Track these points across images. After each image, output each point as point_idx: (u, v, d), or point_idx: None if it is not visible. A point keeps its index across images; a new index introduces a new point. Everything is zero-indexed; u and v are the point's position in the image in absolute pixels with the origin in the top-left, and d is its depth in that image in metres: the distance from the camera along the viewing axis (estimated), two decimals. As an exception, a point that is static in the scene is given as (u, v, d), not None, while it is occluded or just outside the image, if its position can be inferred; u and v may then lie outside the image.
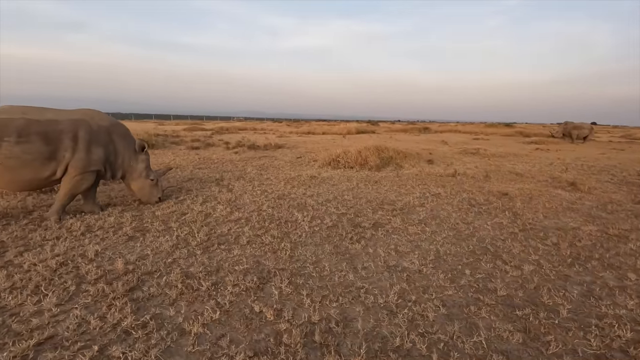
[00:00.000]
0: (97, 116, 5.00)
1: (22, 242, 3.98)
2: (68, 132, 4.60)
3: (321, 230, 4.61)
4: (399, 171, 9.75)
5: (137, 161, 5.34)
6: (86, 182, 4.85)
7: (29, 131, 4.37)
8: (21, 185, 4.50)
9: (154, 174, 5.54)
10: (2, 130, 4.25)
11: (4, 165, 4.26)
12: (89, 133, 4.76)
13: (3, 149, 4.22)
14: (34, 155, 4.38)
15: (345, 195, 6.61)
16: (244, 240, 4.19)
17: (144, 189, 5.47)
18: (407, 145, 18.32)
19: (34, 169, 4.42)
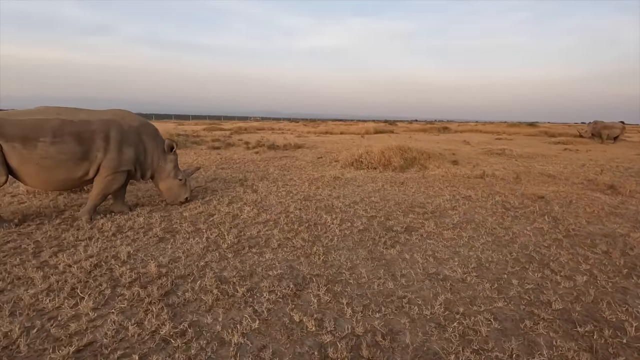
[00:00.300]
0: (127, 116, 5.00)
1: (56, 242, 4.00)
2: (100, 132, 4.62)
3: (352, 233, 4.46)
4: (424, 172, 9.48)
5: (165, 161, 5.32)
6: (118, 181, 4.86)
7: (63, 131, 4.39)
8: (55, 185, 4.54)
9: (182, 174, 5.51)
10: (38, 131, 4.29)
11: (40, 165, 4.30)
12: (120, 133, 4.76)
13: (39, 149, 4.26)
14: (68, 155, 4.40)
15: (372, 197, 6.43)
16: (274, 243, 4.09)
17: (172, 189, 5.45)
18: (428, 145, 17.92)
19: (68, 169, 4.45)
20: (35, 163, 4.28)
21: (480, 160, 12.34)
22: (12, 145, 4.20)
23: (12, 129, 4.24)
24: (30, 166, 4.29)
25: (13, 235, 4.20)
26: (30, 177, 4.36)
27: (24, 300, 2.75)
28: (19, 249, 3.79)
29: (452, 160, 11.67)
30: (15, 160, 4.25)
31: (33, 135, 4.26)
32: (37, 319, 2.55)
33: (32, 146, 4.25)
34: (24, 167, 4.28)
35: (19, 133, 4.23)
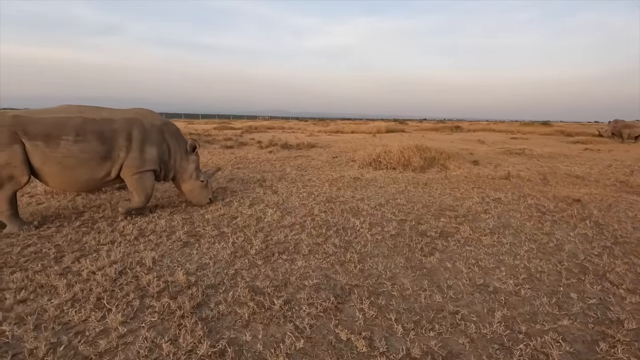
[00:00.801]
0: (150, 115, 4.82)
1: (77, 247, 3.83)
2: (122, 131, 4.45)
3: (385, 239, 4.21)
4: (446, 173, 9.17)
5: (187, 162, 5.14)
6: (148, 180, 4.73)
7: (86, 130, 4.23)
8: (77, 185, 4.38)
9: (204, 175, 5.31)
10: (60, 129, 4.13)
11: (62, 164, 4.14)
12: (142, 132, 4.59)
13: (61, 147, 4.10)
14: (91, 154, 4.24)
15: (398, 199, 6.16)
16: (304, 249, 3.86)
17: (194, 191, 5.26)
18: (443, 144, 17.53)
19: (90, 168, 4.29)
20: (58, 162, 4.12)
21: (501, 160, 11.96)
22: (35, 144, 4.05)
23: (35, 127, 4.09)
24: (52, 165, 4.13)
25: (33, 238, 4.05)
26: (52, 176, 4.21)
27: (48, 311, 2.57)
28: (40, 254, 3.63)
29: (473, 161, 11.32)
30: (37, 159, 4.10)
31: (56, 133, 4.11)
32: (63, 333, 2.36)
33: (54, 145, 4.09)
34: (46, 166, 4.13)
35: (42, 131, 4.08)
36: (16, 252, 3.63)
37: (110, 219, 4.82)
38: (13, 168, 4.02)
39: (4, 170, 4.00)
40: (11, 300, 2.71)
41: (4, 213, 4.13)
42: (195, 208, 5.41)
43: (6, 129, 4.00)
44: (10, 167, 4.01)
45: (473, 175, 8.80)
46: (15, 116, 4.09)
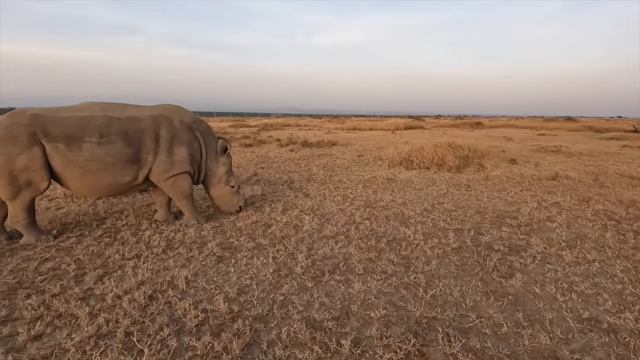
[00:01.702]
0: (178, 112, 4.33)
1: (99, 262, 3.38)
2: (149, 130, 3.98)
3: (447, 254, 3.63)
4: (485, 173, 8.47)
5: (217, 164, 4.62)
6: (183, 182, 4.29)
7: (110, 130, 3.79)
8: (101, 191, 3.95)
9: (235, 180, 4.79)
10: (84, 130, 3.70)
11: (85, 169, 3.71)
12: (170, 132, 4.11)
13: (84, 150, 3.67)
14: (116, 157, 3.80)
15: (444, 204, 5.55)
16: (357, 266, 3.31)
17: (223, 196, 4.74)
18: (469, 141, 16.67)
19: (115, 172, 3.85)
20: (80, 166, 3.69)
21: (538, 159, 11.14)
22: (56, 146, 3.63)
23: (56, 127, 3.66)
24: (74, 170, 3.70)
25: (52, 250, 3.63)
26: (74, 181, 3.78)
27: (67, 353, 2.10)
28: (59, 270, 3.19)
29: (510, 159, 10.55)
30: (58, 163, 3.67)
31: (78, 134, 3.68)
32: (86, 386, 1.88)
33: (77, 147, 3.66)
34: (68, 170, 3.70)
35: (63, 132, 3.65)
36: (32, 269, 3.20)
37: (134, 227, 4.37)
38: (32, 173, 3.60)
39: (22, 175, 3.58)
40: (24, 335, 2.25)
41: (21, 222, 3.72)
42: (226, 215, 4.93)
43: (25, 129, 3.58)
44: (29, 171, 3.59)
45: (515, 175, 8.09)
46: (34, 115, 3.67)
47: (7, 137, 3.52)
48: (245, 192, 4.78)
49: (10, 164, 3.52)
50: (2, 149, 3.50)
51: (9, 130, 3.54)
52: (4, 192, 3.57)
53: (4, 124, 3.57)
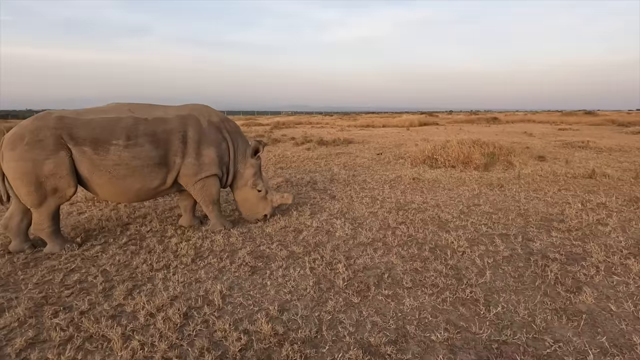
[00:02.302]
0: (206, 111, 4.10)
1: (127, 273, 3.18)
2: (177, 132, 3.77)
3: (499, 264, 3.32)
4: (514, 171, 8.06)
5: (245, 166, 4.33)
6: (212, 186, 4.08)
7: (137, 132, 3.58)
8: (129, 196, 3.76)
9: (263, 184, 4.46)
10: (110, 132, 3.51)
11: (112, 174, 3.51)
12: (198, 132, 3.89)
13: (111, 154, 3.47)
14: (143, 161, 3.59)
15: (481, 206, 5.22)
16: (404, 278, 3.04)
17: (248, 201, 4.41)
18: (489, 137, 16.16)
19: (143, 177, 3.64)
20: (108, 171, 3.50)
21: (567, 155, 10.63)
22: (82, 150, 3.44)
23: (82, 130, 3.47)
24: (102, 175, 3.51)
25: (77, 260, 3.45)
26: (101, 187, 3.60)
27: (103, 385, 1.89)
28: (86, 283, 3.00)
29: (538, 156, 10.08)
30: (85, 168, 3.49)
31: (105, 137, 3.49)
32: None
33: (104, 151, 3.47)
34: (95, 175, 3.51)
35: (90, 135, 3.47)
36: (58, 281, 3.02)
37: (159, 234, 4.18)
38: (59, 179, 3.42)
39: (48, 182, 3.40)
40: (55, 362, 2.05)
41: (45, 230, 3.56)
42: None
43: (51, 133, 3.39)
44: (56, 178, 3.41)
45: (548, 173, 7.67)
46: (60, 117, 3.48)
47: (33, 141, 3.34)
48: (274, 199, 4.44)
49: (36, 170, 3.35)
50: (28, 154, 3.32)
51: (35, 134, 3.36)
52: (30, 199, 3.40)
53: (30, 127, 3.40)
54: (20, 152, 3.33)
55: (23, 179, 3.34)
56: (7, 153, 3.37)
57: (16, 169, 3.33)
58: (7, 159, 3.37)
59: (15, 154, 3.33)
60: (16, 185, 3.38)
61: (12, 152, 3.35)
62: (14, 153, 3.34)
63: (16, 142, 3.36)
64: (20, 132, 3.40)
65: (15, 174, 3.34)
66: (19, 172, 3.33)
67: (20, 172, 3.32)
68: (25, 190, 3.37)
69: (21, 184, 3.36)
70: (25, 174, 3.33)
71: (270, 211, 4.50)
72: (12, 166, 3.34)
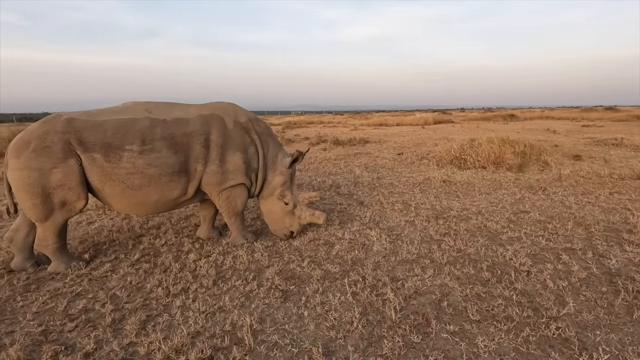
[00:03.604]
0: (232, 110, 3.62)
1: (140, 299, 2.74)
2: (198, 134, 3.30)
3: (576, 288, 2.78)
4: (552, 171, 7.44)
5: (273, 173, 3.80)
6: (238, 197, 3.61)
7: (154, 135, 3.14)
8: (147, 209, 3.33)
9: (294, 197, 3.85)
10: (123, 136, 3.07)
11: (126, 184, 3.08)
12: (222, 135, 3.41)
13: (124, 161, 3.04)
14: (160, 168, 3.14)
15: (530, 213, 4.65)
16: (467, 308, 2.52)
17: (272, 213, 3.85)
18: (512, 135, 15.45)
19: (161, 187, 3.20)
20: (121, 180, 3.07)
21: (602, 154, 9.90)
22: (92, 157, 3.02)
23: (92, 133, 3.05)
24: (114, 185, 3.08)
25: (84, 281, 3.03)
26: (114, 199, 3.17)
27: None
28: (92, 313, 2.57)
29: (573, 155, 9.40)
30: (96, 178, 3.06)
31: (117, 142, 3.06)
32: None
33: (116, 157, 3.04)
34: (107, 186, 3.09)
35: (100, 139, 3.04)
36: (61, 310, 2.60)
37: (175, 248, 3.75)
38: (67, 191, 3.01)
39: (56, 194, 2.99)
40: None
41: (50, 247, 3.15)
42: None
43: (59, 138, 2.97)
44: (64, 189, 2.99)
45: (590, 174, 7.03)
46: (69, 120, 3.06)
47: (39, 147, 2.93)
48: (303, 216, 3.82)
49: (43, 181, 2.93)
50: (34, 163, 2.91)
51: (41, 140, 2.95)
52: (35, 212, 2.99)
53: (36, 133, 2.98)
54: (25, 160, 2.92)
55: (28, 190, 2.93)
56: (11, 161, 2.98)
57: (21, 179, 2.92)
58: (11, 167, 2.97)
59: (20, 162, 2.93)
60: (20, 197, 2.98)
61: (16, 160, 2.94)
62: (18, 161, 2.93)
63: (21, 148, 2.96)
64: (26, 138, 2.99)
65: (19, 184, 2.94)
66: (23, 183, 2.92)
67: (25, 182, 2.92)
68: (30, 202, 2.96)
69: (26, 196, 2.95)
70: (30, 184, 2.92)
71: (298, 228, 3.88)
72: (17, 175, 2.93)
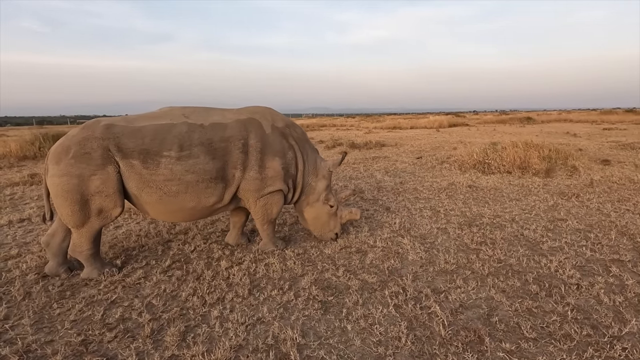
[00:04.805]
0: (269, 115, 3.56)
1: (176, 308, 2.68)
2: (237, 140, 3.24)
3: (634, 304, 2.61)
4: (581, 177, 7.18)
5: (316, 178, 3.75)
6: (274, 205, 3.53)
7: (192, 141, 3.08)
8: (182, 216, 3.27)
9: (335, 198, 3.85)
10: (161, 142, 3.03)
11: (164, 190, 3.03)
12: (261, 140, 3.35)
13: (162, 167, 2.99)
14: (198, 175, 3.08)
15: (567, 221, 4.46)
16: (521, 324, 2.38)
17: (319, 219, 3.81)
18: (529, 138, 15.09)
19: (197, 193, 3.13)
20: (159, 187, 3.02)
21: (632, 158, 9.56)
22: (131, 164, 2.98)
23: (130, 140, 3.01)
24: (151, 192, 3.03)
25: (118, 288, 2.99)
26: (151, 206, 3.12)
27: None
28: (130, 322, 2.52)
29: (601, 160, 9.09)
30: (134, 184, 3.02)
31: (155, 148, 3.01)
32: None
33: (154, 164, 2.99)
34: (145, 193, 3.04)
35: (138, 146, 3.00)
36: (98, 319, 2.56)
37: (205, 254, 3.70)
38: (104, 198, 2.97)
39: (93, 201, 2.97)
40: None
41: (84, 252, 3.13)
42: (306, 237, 4.15)
43: (98, 144, 2.94)
44: (102, 196, 2.96)
45: (623, 179, 6.77)
46: (108, 126, 3.03)
47: (79, 154, 2.91)
48: (343, 216, 3.87)
49: (82, 187, 2.91)
50: (74, 169, 2.88)
51: (81, 146, 2.92)
52: (72, 219, 2.97)
53: (76, 139, 2.96)
54: (65, 167, 2.90)
55: (67, 197, 2.91)
56: (51, 167, 2.96)
57: (60, 186, 2.90)
58: (51, 173, 2.95)
59: (59, 168, 2.91)
60: (59, 203, 2.95)
61: (56, 166, 2.92)
62: (58, 167, 2.91)
63: (61, 155, 2.94)
64: (66, 144, 2.97)
65: (58, 191, 2.91)
66: (62, 190, 2.90)
67: (64, 189, 2.90)
68: (69, 209, 2.94)
69: (64, 203, 2.93)
70: (69, 191, 2.90)
71: (340, 229, 3.94)
72: (56, 182, 2.91)
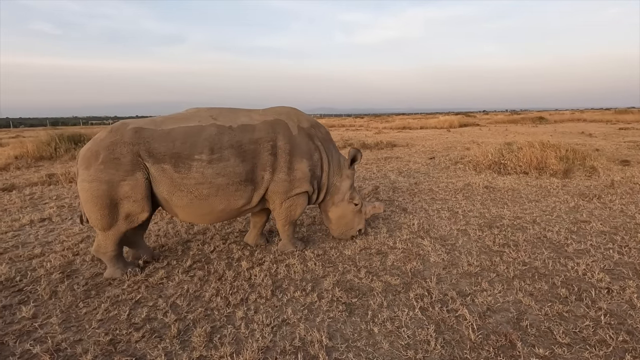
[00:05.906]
0: (295, 116, 3.54)
1: (200, 308, 2.68)
2: (265, 141, 3.23)
3: (671, 309, 2.53)
4: (601, 178, 7.02)
5: (340, 177, 3.74)
6: (298, 206, 3.53)
7: (222, 144, 3.07)
8: (211, 218, 3.28)
9: (360, 196, 3.87)
10: (193, 145, 3.01)
11: (194, 194, 3.03)
12: (289, 142, 3.33)
13: (194, 171, 2.98)
14: (228, 177, 3.07)
15: (591, 223, 4.36)
16: (553, 329, 2.33)
17: (345, 217, 3.81)
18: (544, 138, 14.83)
19: (227, 196, 3.13)
20: (190, 191, 3.01)
21: (652, 159, 9.34)
22: (162, 168, 2.98)
23: (161, 144, 3.00)
24: (182, 195, 3.03)
25: (141, 288, 3.01)
26: (182, 209, 3.12)
27: None
28: (156, 322, 2.53)
29: (620, 161, 8.89)
30: (164, 189, 3.02)
31: (187, 151, 3.00)
32: None
33: (185, 168, 2.98)
34: (175, 196, 3.04)
35: (170, 149, 3.00)
36: (124, 318, 2.57)
37: (225, 254, 3.70)
38: (132, 203, 2.98)
39: (121, 205, 2.98)
40: None
41: (108, 254, 3.15)
42: (324, 237, 4.13)
43: (128, 150, 2.94)
44: (130, 201, 2.97)
45: (645, 181, 6.59)
46: (137, 130, 3.02)
47: (108, 159, 2.91)
48: (367, 211, 3.89)
49: (112, 193, 2.92)
50: (104, 175, 2.89)
51: (110, 151, 2.93)
52: (101, 222, 2.98)
53: (104, 143, 2.96)
54: (94, 172, 2.91)
55: (97, 202, 2.92)
56: (81, 171, 2.98)
57: (90, 191, 2.92)
58: (81, 178, 2.97)
59: (89, 173, 2.92)
60: (88, 207, 2.97)
61: (86, 172, 2.94)
62: (88, 172, 2.93)
63: (90, 159, 2.95)
64: (94, 149, 2.98)
65: (88, 196, 2.93)
66: (92, 195, 2.92)
67: (93, 194, 2.91)
68: (98, 214, 2.96)
69: (94, 208, 2.94)
70: (99, 197, 2.91)
71: (364, 225, 3.99)
72: (86, 187, 2.93)
